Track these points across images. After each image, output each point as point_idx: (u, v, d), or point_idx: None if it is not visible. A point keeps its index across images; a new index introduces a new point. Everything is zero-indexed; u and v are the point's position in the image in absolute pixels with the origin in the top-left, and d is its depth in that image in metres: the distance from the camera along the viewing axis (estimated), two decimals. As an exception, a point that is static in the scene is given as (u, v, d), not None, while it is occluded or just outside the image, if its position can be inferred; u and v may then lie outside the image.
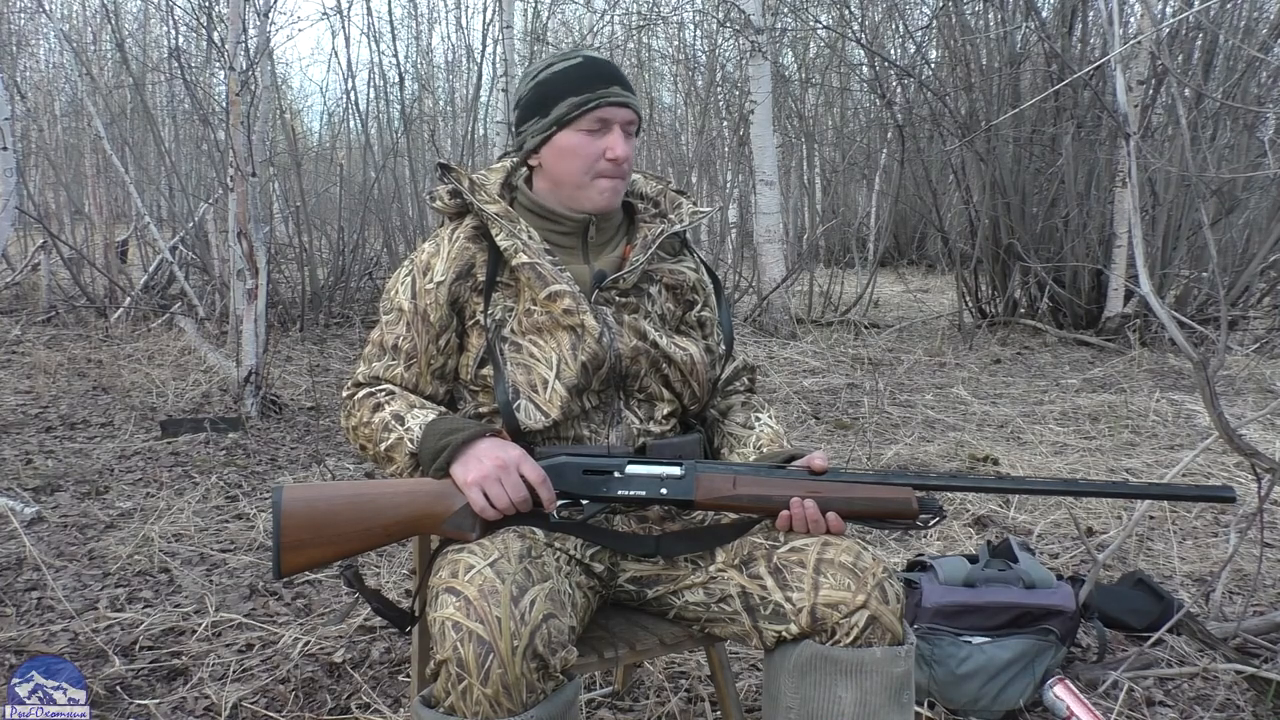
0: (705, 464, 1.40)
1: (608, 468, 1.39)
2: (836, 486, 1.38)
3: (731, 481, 1.38)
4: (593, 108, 1.45)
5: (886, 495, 1.38)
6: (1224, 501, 1.38)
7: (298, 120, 13.02)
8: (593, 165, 1.47)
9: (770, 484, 1.38)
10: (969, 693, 1.97)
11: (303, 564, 1.35)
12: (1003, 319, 7.45)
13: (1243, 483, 3.48)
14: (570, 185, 1.50)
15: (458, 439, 1.35)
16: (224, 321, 6.40)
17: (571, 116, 1.46)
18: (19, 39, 10.62)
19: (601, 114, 1.46)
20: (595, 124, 1.46)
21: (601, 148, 1.47)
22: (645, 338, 1.49)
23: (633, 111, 1.49)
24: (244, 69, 4.61)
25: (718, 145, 10.63)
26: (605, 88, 1.46)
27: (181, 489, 3.41)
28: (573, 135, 1.47)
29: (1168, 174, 6.49)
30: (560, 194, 1.51)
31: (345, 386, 1.55)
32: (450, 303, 1.49)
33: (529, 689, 1.22)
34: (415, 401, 1.46)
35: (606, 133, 1.47)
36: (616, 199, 1.52)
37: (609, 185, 1.49)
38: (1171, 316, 2.26)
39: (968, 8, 8.14)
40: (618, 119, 1.47)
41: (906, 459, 3.88)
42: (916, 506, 1.37)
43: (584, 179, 1.48)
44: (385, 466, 1.46)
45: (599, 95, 1.45)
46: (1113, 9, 2.43)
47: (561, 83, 1.47)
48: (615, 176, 1.49)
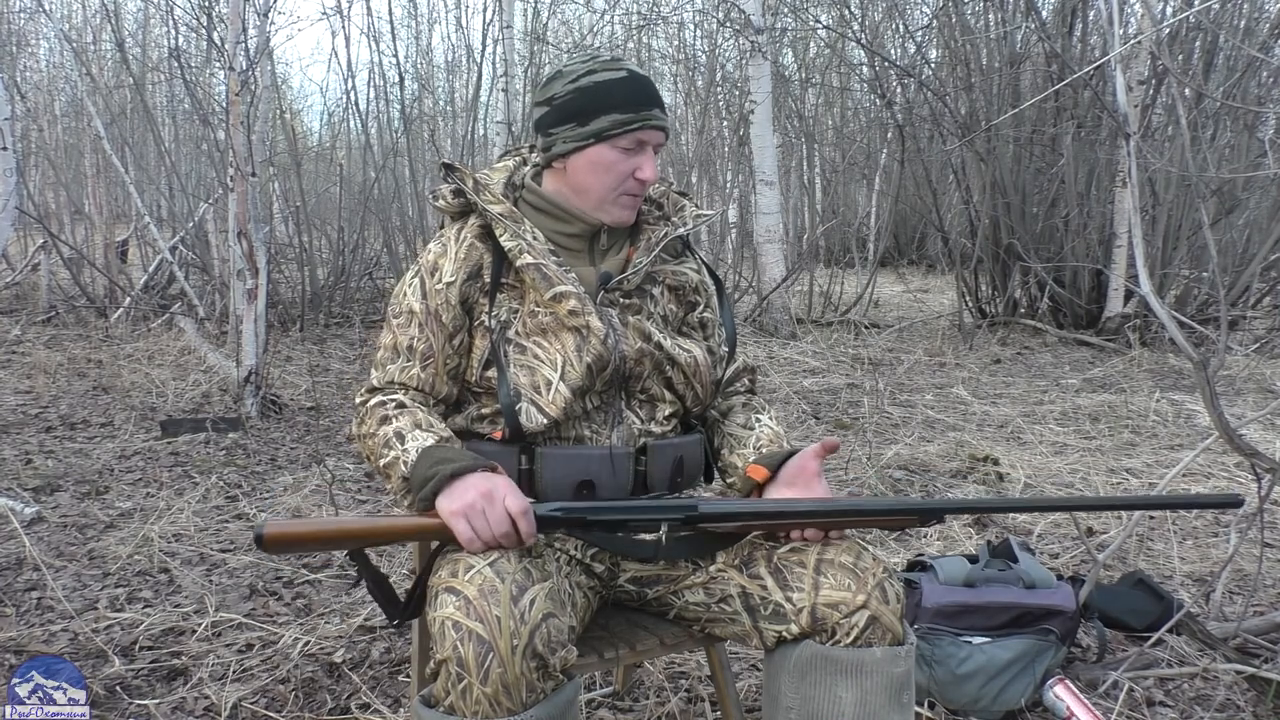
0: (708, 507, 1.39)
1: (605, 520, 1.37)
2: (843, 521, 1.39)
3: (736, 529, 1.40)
4: (636, 129, 1.45)
5: (895, 519, 1.40)
6: (1232, 507, 1.38)
7: (298, 120, 13.03)
8: (622, 183, 1.48)
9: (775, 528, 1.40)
10: (969, 693, 1.97)
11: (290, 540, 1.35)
12: (1003, 319, 7.45)
13: (1243, 483, 3.49)
14: (595, 198, 1.49)
15: (446, 470, 1.31)
16: (224, 321, 6.41)
17: (612, 134, 1.45)
18: (19, 39, 10.62)
19: (642, 136, 1.46)
20: (633, 144, 1.46)
21: (633, 167, 1.47)
22: (649, 339, 1.49)
23: (664, 134, 1.51)
24: (244, 69, 4.61)
25: (718, 145, 10.63)
26: (649, 110, 1.46)
27: (181, 489, 3.41)
28: (608, 151, 1.46)
29: (1168, 174, 6.49)
30: (580, 201, 1.51)
31: (359, 393, 1.53)
32: (461, 303, 1.48)
33: (529, 688, 1.22)
34: (421, 420, 1.43)
35: (639, 153, 1.47)
36: (634, 215, 1.54)
37: (631, 203, 1.51)
38: (1171, 316, 2.26)
39: (968, 8, 8.14)
40: (653, 141, 1.48)
41: (906, 459, 3.88)
42: (917, 518, 1.39)
43: (610, 194, 1.49)
44: (384, 481, 1.46)
45: (643, 118, 1.45)
46: (1113, 9, 2.43)
47: (606, 96, 1.45)
48: (638, 195, 1.51)
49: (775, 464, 1.47)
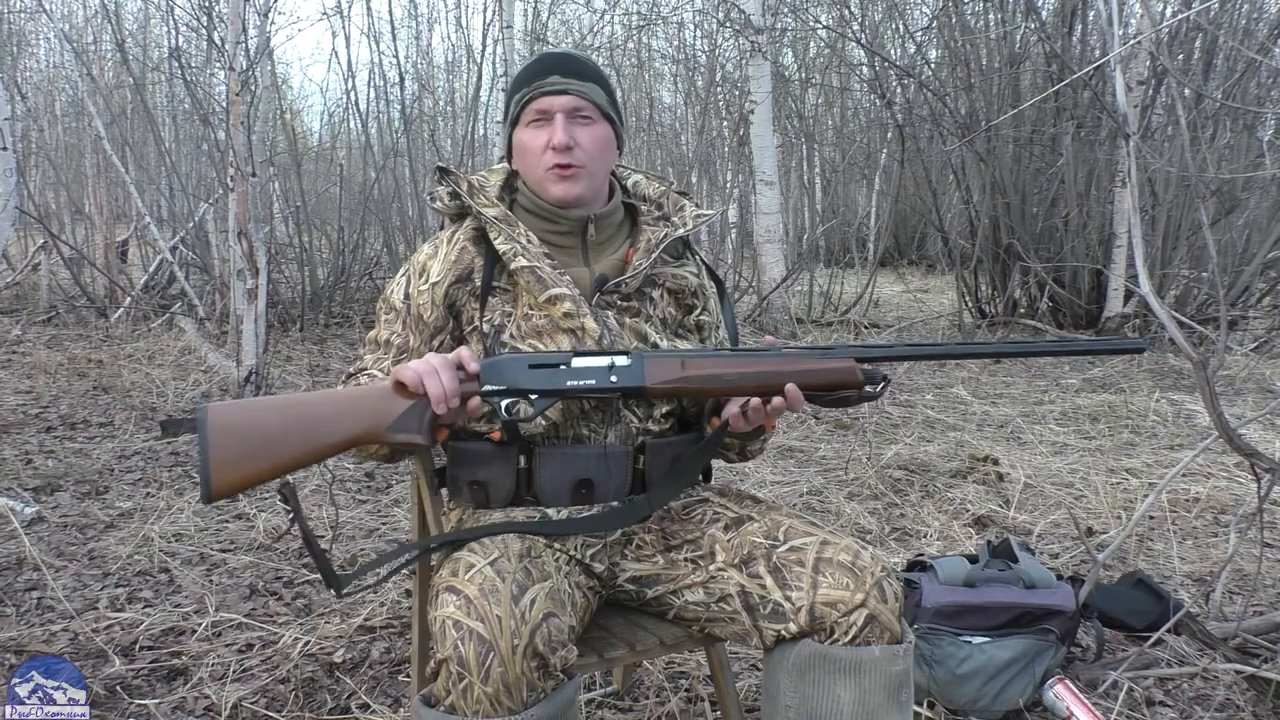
0: (652, 351, 1.41)
1: (554, 361, 1.36)
2: (782, 360, 1.37)
3: (680, 364, 1.36)
4: (528, 100, 1.46)
5: (830, 366, 1.37)
6: (1135, 352, 1.42)
7: (298, 120, 13.02)
8: (541, 159, 1.47)
9: (719, 363, 1.37)
10: (969, 693, 1.97)
11: (236, 483, 1.24)
12: (1003, 319, 7.45)
13: (1243, 483, 3.49)
14: (533, 182, 1.51)
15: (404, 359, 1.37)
16: (224, 321, 6.41)
17: (516, 113, 1.48)
18: (19, 39, 10.62)
19: (538, 105, 1.46)
20: (536, 115, 1.46)
21: (545, 139, 1.46)
22: (646, 341, 1.49)
23: (575, 97, 1.46)
24: (244, 69, 4.61)
25: (718, 145, 10.62)
26: (542, 79, 1.45)
27: (181, 489, 3.41)
28: (523, 132, 1.48)
29: (1167, 174, 6.50)
30: (533, 191, 1.52)
31: (340, 382, 1.56)
32: (447, 305, 1.49)
33: (529, 688, 1.22)
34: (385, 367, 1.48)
35: (548, 123, 1.46)
36: (576, 188, 1.48)
37: (561, 174, 1.46)
38: (1171, 316, 2.26)
39: (968, 8, 8.15)
40: (557, 107, 1.45)
41: (906, 459, 3.88)
42: (861, 376, 1.37)
43: (539, 174, 1.48)
44: None
45: (533, 86, 1.46)
46: (1112, 9, 2.43)
47: (514, 85, 1.50)
48: (565, 165, 1.46)
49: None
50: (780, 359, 1.38)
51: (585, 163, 1.47)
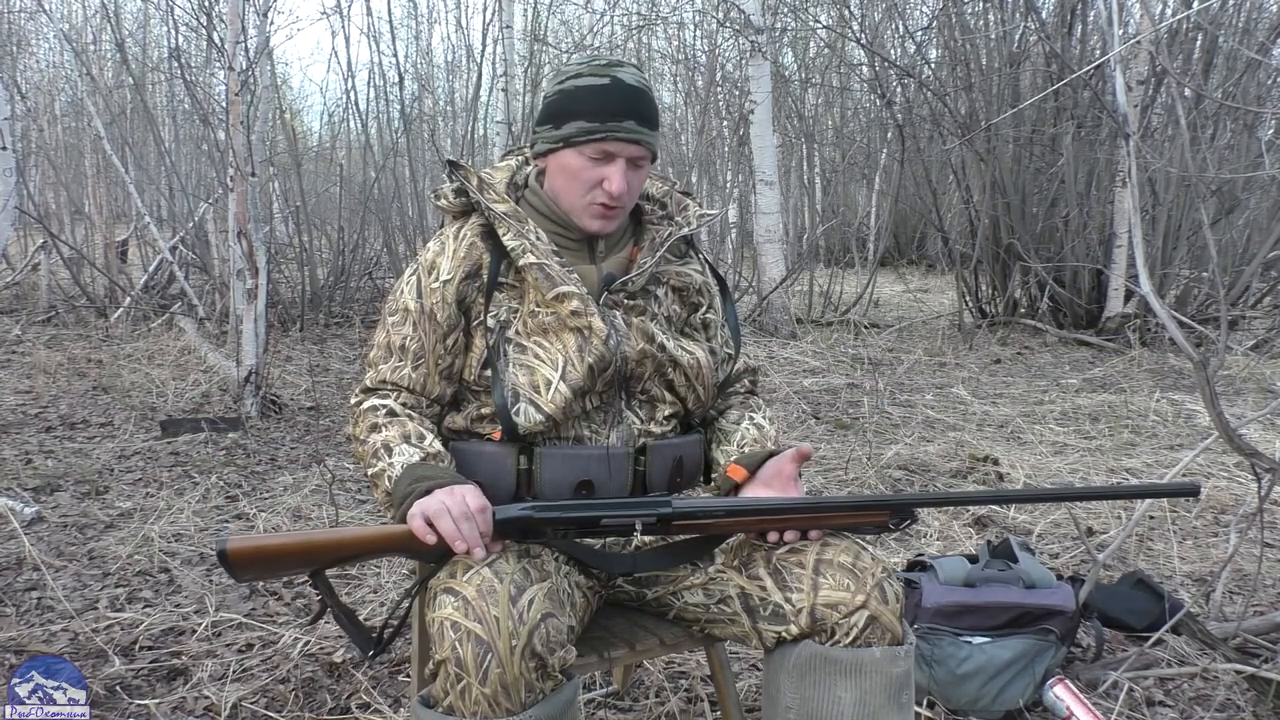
0: (686, 502, 1.40)
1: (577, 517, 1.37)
2: (815, 519, 1.40)
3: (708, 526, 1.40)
4: (600, 139, 1.42)
5: (863, 520, 1.40)
6: (1189, 495, 1.40)
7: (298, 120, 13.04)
8: (589, 191, 1.45)
9: (750, 522, 1.39)
10: (969, 693, 1.97)
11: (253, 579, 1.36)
12: (1003, 319, 7.45)
13: (1243, 483, 3.48)
14: (567, 204, 1.48)
15: (422, 487, 1.32)
16: (224, 321, 6.40)
17: (578, 140, 1.43)
18: (19, 39, 10.61)
19: (608, 147, 1.43)
20: (599, 154, 1.43)
21: (600, 177, 1.44)
22: (653, 340, 1.48)
23: (643, 148, 1.45)
24: (244, 69, 4.61)
25: (718, 145, 10.62)
26: (619, 121, 1.42)
27: (181, 489, 3.41)
28: (575, 157, 1.44)
29: (1168, 174, 6.50)
30: (562, 204, 1.50)
31: (354, 393, 1.54)
32: (458, 301, 1.47)
33: (528, 688, 1.22)
34: (410, 432, 1.43)
35: (607, 164, 1.44)
36: (611, 225, 1.49)
37: (603, 213, 1.47)
38: (1171, 316, 2.26)
39: (967, 8, 8.14)
40: (624, 154, 1.44)
41: (906, 459, 3.88)
42: (887, 515, 1.39)
43: (579, 202, 1.47)
44: (372, 490, 1.47)
45: (609, 129, 1.41)
46: (1112, 9, 2.43)
47: (579, 102, 1.43)
48: (610, 207, 1.46)
49: (754, 464, 1.47)
50: (814, 516, 1.40)
51: (626, 204, 1.48)
